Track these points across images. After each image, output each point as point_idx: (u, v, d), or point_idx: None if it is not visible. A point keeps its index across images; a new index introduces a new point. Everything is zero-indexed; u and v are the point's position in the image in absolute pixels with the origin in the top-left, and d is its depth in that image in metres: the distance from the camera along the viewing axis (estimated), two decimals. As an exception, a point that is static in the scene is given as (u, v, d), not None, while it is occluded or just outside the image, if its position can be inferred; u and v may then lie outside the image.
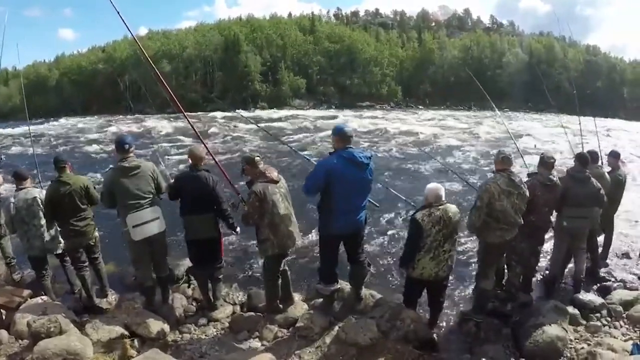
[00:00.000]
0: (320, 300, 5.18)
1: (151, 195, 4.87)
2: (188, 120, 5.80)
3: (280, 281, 5.06)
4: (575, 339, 4.72)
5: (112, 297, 5.67)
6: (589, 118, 13.69)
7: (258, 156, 4.65)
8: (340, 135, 4.42)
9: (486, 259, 5.09)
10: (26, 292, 5.19)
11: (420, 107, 74.41)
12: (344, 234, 4.66)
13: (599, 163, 6.38)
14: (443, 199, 4.50)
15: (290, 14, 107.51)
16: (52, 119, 47.08)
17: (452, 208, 4.49)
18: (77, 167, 11.75)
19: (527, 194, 4.80)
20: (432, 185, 4.63)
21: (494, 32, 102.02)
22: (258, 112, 52.43)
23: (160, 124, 34.35)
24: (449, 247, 4.49)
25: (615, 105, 77.80)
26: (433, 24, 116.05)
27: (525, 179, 5.26)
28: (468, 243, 7.50)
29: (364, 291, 5.30)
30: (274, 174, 4.58)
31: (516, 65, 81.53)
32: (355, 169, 4.31)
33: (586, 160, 5.55)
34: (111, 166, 4.98)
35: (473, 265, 6.60)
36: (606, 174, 6.27)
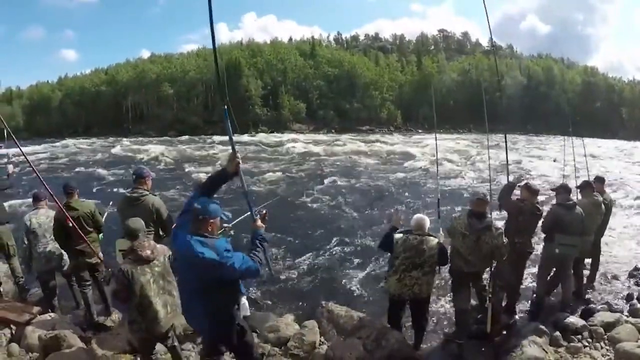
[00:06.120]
0: (311, 321, 5.41)
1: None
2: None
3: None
4: (555, 359, 4.88)
5: (116, 315, 5.90)
6: (588, 139, 13.90)
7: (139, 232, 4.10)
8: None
9: (452, 281, 5.41)
10: (36, 308, 5.48)
11: (420, 130, 74.82)
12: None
13: (595, 192, 6.48)
14: (425, 229, 4.82)
15: (290, 38, 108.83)
16: (49, 139, 47.50)
17: (431, 242, 4.76)
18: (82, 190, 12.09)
19: (494, 241, 4.87)
20: (418, 215, 5.03)
21: (492, 55, 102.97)
22: (259, 136, 52.55)
23: (160, 148, 34.65)
24: (418, 275, 4.74)
25: (614, 125, 78.09)
26: (432, 47, 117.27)
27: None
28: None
29: (353, 313, 5.62)
30: (146, 252, 3.87)
31: (515, 88, 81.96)
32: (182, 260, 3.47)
33: (570, 189, 5.91)
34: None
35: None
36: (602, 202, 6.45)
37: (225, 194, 11.67)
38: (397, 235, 4.80)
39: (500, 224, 5.32)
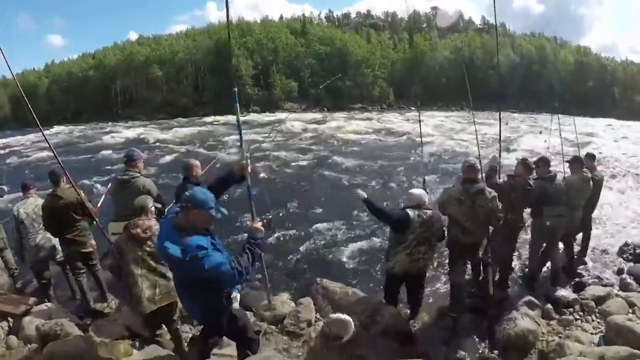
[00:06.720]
0: (306, 298, 5.49)
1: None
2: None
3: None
4: (547, 332, 5.00)
5: (112, 302, 5.92)
6: (578, 118, 13.96)
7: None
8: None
9: (450, 254, 5.50)
10: (32, 299, 5.46)
11: (412, 108, 74.51)
12: None
13: (585, 168, 6.49)
14: (427, 203, 4.86)
15: (281, 16, 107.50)
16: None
17: (438, 215, 4.87)
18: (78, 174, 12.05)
19: (489, 204, 4.95)
20: (418, 190, 5.07)
21: (485, 33, 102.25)
22: (251, 116, 52.15)
23: (152, 132, 34.42)
24: (425, 250, 4.82)
25: (606, 105, 78.32)
26: (424, 24, 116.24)
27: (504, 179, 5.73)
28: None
29: (348, 289, 5.71)
30: (136, 230, 3.92)
31: (508, 66, 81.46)
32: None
33: (549, 162, 6.06)
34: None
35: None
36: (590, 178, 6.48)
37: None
38: (411, 212, 4.75)
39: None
